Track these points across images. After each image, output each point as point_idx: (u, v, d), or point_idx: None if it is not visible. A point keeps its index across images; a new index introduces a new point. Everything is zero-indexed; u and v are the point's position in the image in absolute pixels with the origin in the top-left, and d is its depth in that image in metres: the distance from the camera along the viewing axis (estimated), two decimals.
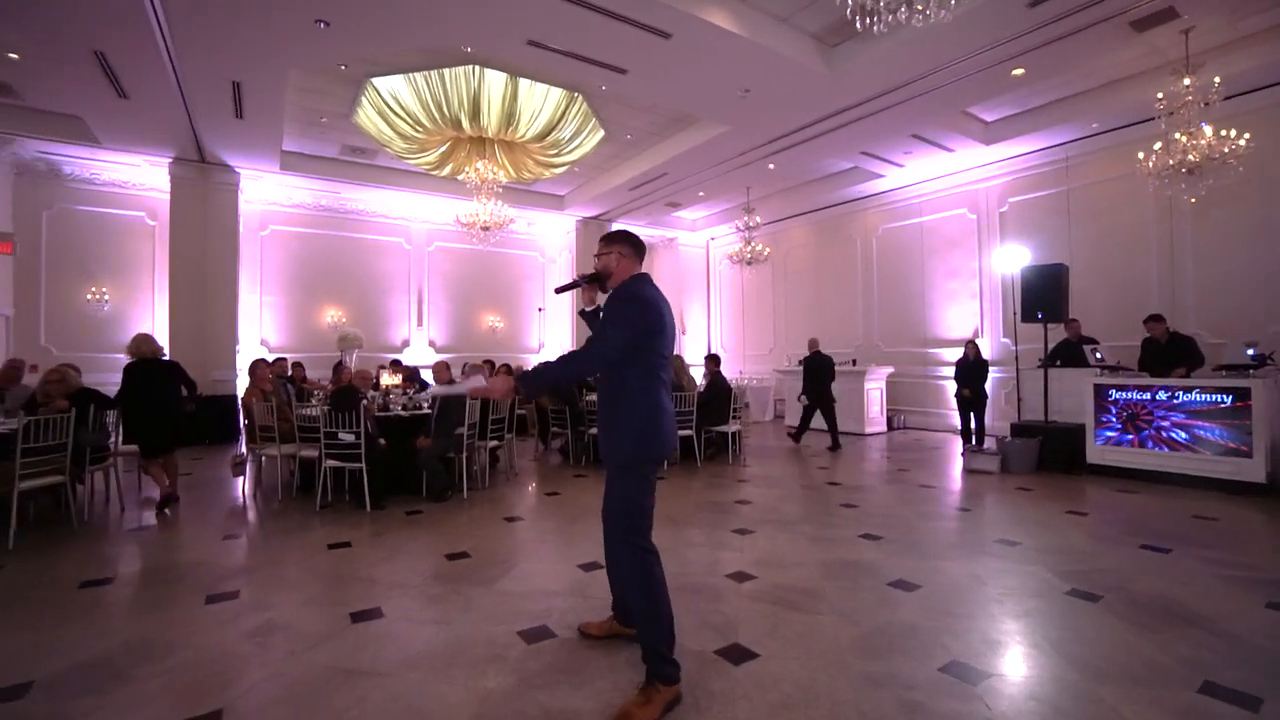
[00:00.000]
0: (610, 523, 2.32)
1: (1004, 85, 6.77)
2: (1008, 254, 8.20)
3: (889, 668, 2.42)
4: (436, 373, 5.76)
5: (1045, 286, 6.77)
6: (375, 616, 2.93)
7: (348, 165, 10.22)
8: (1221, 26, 6.00)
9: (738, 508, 5.03)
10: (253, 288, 10.47)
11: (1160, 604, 3.02)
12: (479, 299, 12.79)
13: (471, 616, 2.94)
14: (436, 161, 9.01)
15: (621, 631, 2.64)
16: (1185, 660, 2.47)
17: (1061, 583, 3.32)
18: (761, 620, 2.86)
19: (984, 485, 5.88)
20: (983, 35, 5.67)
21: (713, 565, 3.64)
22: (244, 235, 10.12)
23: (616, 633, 2.66)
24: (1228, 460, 5.38)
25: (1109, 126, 7.81)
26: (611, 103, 7.87)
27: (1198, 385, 5.61)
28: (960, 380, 7.77)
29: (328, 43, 5.82)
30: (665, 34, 5.69)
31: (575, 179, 11.06)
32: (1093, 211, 8.30)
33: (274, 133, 8.10)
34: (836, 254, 11.78)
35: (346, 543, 4.11)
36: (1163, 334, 6.33)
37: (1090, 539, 4.14)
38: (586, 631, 2.72)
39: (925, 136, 8.38)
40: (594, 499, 5.25)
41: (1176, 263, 7.54)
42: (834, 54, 6.49)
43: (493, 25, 5.53)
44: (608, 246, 2.48)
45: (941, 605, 3.03)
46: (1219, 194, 6.58)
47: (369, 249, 11.66)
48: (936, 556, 3.77)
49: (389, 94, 7.40)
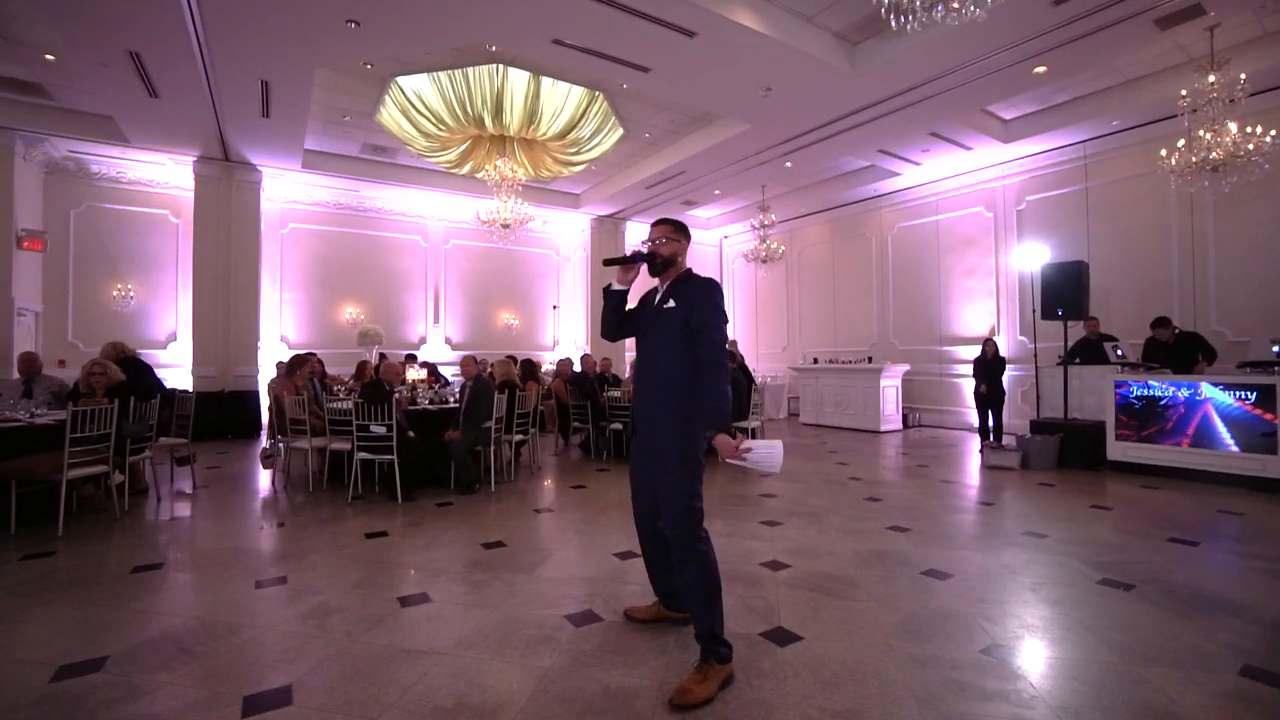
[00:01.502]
0: (675, 512, 2.29)
1: (1026, 83, 6.79)
2: (1027, 251, 8.23)
3: (932, 650, 2.48)
4: (464, 367, 5.84)
5: (1065, 284, 6.79)
6: (423, 601, 3.01)
7: (368, 164, 10.34)
8: (1249, 23, 6.01)
9: (763, 501, 5.09)
10: (273, 285, 10.61)
11: (1195, 593, 3.06)
12: (494, 296, 12.90)
13: (517, 601, 3.01)
14: (457, 160, 9.10)
15: (668, 615, 2.71)
16: (1226, 645, 2.52)
17: (1093, 572, 3.36)
18: (802, 606, 2.92)
19: (1005, 481, 5.91)
20: (1006, 33, 5.69)
21: (746, 554, 3.70)
22: (265, 233, 10.24)
23: (663, 616, 2.72)
24: (1252, 457, 5.39)
25: (1130, 124, 7.81)
26: (631, 101, 7.93)
27: (1222, 382, 5.62)
28: (979, 377, 7.80)
29: (357, 42, 5.91)
30: (690, 33, 5.75)
31: (592, 177, 11.14)
32: (1112, 209, 8.30)
33: (298, 131, 8.21)
34: (852, 252, 11.81)
35: (383, 532, 4.19)
36: (1169, 337, 6.37)
37: (1117, 532, 4.18)
38: (633, 616, 2.78)
39: (944, 134, 8.41)
40: (619, 492, 5.34)
41: (1198, 261, 7.54)
42: (857, 52, 6.53)
43: (519, 24, 5.60)
44: (676, 234, 2.47)
45: (976, 592, 3.08)
46: (1242, 191, 6.57)
47: (387, 246, 11.79)
48: (965, 547, 3.82)
49: (413, 93, 7.50)
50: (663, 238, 2.46)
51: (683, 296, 2.37)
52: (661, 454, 2.32)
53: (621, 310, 2.58)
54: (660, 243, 2.45)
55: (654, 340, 2.42)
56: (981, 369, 7.72)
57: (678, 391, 2.31)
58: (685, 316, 2.33)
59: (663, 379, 2.35)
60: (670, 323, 2.36)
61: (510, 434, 6.01)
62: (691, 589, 2.27)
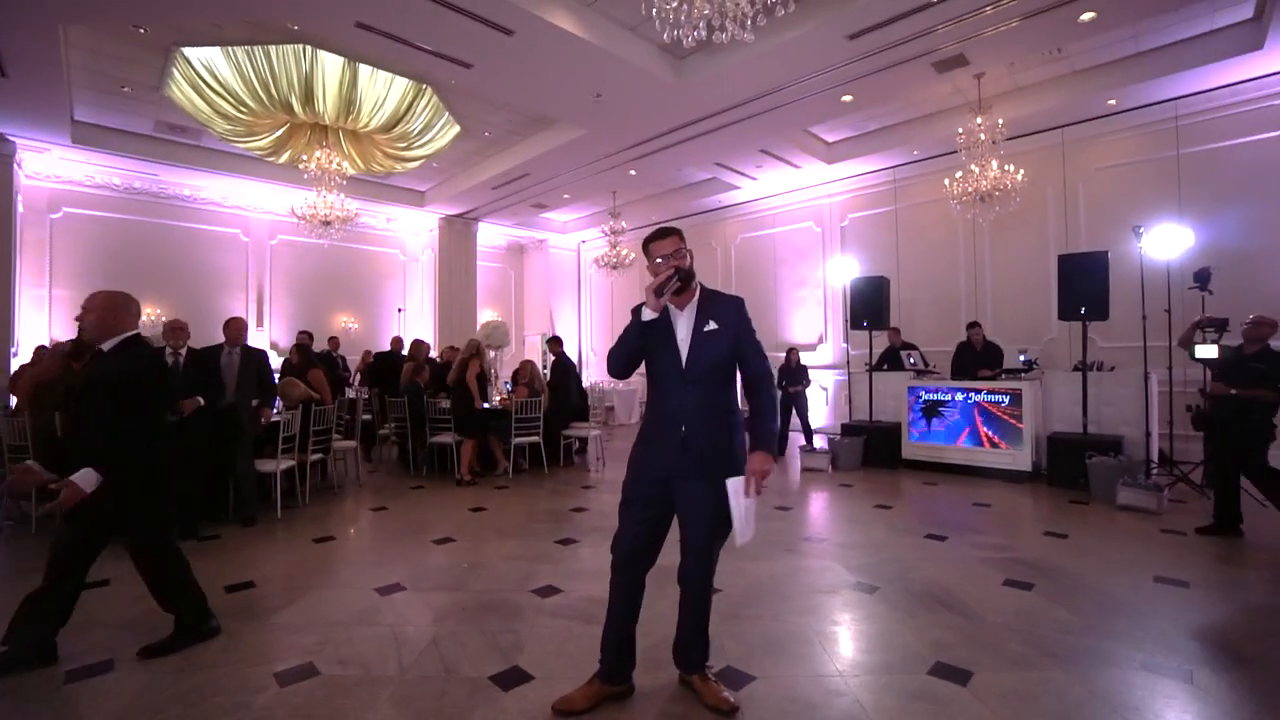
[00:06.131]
0: (707, 537, 2.21)
1: (838, 109, 7.30)
2: (840, 265, 8.87)
3: (664, 677, 2.44)
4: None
5: (870, 296, 7.39)
6: (104, 670, 2.52)
7: (166, 145, 8.99)
8: (1004, 75, 6.87)
9: (571, 516, 4.97)
10: (39, 280, 8.94)
11: (927, 591, 3.33)
12: (331, 298, 11.83)
13: (230, 658, 2.61)
14: (270, 147, 8.18)
15: (611, 692, 2.29)
16: (933, 643, 2.72)
17: (850, 576, 3.57)
18: (551, 639, 2.80)
19: (813, 483, 6.28)
20: (811, 61, 6.05)
21: (524, 580, 3.53)
22: (25, 217, 8.62)
23: (605, 696, 2.28)
24: (1006, 452, 6.15)
25: (927, 154, 8.70)
26: (464, 98, 7.55)
27: (986, 387, 6.37)
28: (781, 384, 8.18)
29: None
30: (507, 30, 5.53)
31: (436, 175, 10.55)
32: (916, 229, 9.21)
33: (55, 98, 6.92)
34: (700, 261, 11.96)
35: (105, 581, 3.54)
36: (980, 340, 7.08)
37: (888, 531, 4.52)
38: (568, 709, 2.22)
39: (773, 152, 8.87)
40: (448, 512, 4.99)
41: (979, 277, 8.55)
42: (683, 66, 6.65)
43: (314, 1, 5.08)
44: (683, 243, 2.29)
45: (732, 608, 3.13)
46: (1010, 218, 7.53)
47: (198, 240, 10.38)
48: (746, 558, 3.89)
49: (203, 67, 6.59)
50: (684, 249, 2.27)
51: (721, 316, 2.27)
52: (709, 485, 2.15)
53: (643, 341, 2.31)
54: (672, 257, 2.25)
55: (699, 369, 2.23)
56: (784, 375, 8.12)
57: (731, 417, 2.25)
58: (733, 337, 2.25)
59: (714, 405, 2.23)
60: (719, 347, 2.25)
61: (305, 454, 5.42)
62: (699, 632, 2.32)
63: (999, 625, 2.89)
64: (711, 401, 2.22)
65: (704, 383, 2.23)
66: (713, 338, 2.25)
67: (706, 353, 2.24)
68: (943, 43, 5.68)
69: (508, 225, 13.15)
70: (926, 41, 5.64)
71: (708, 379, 2.23)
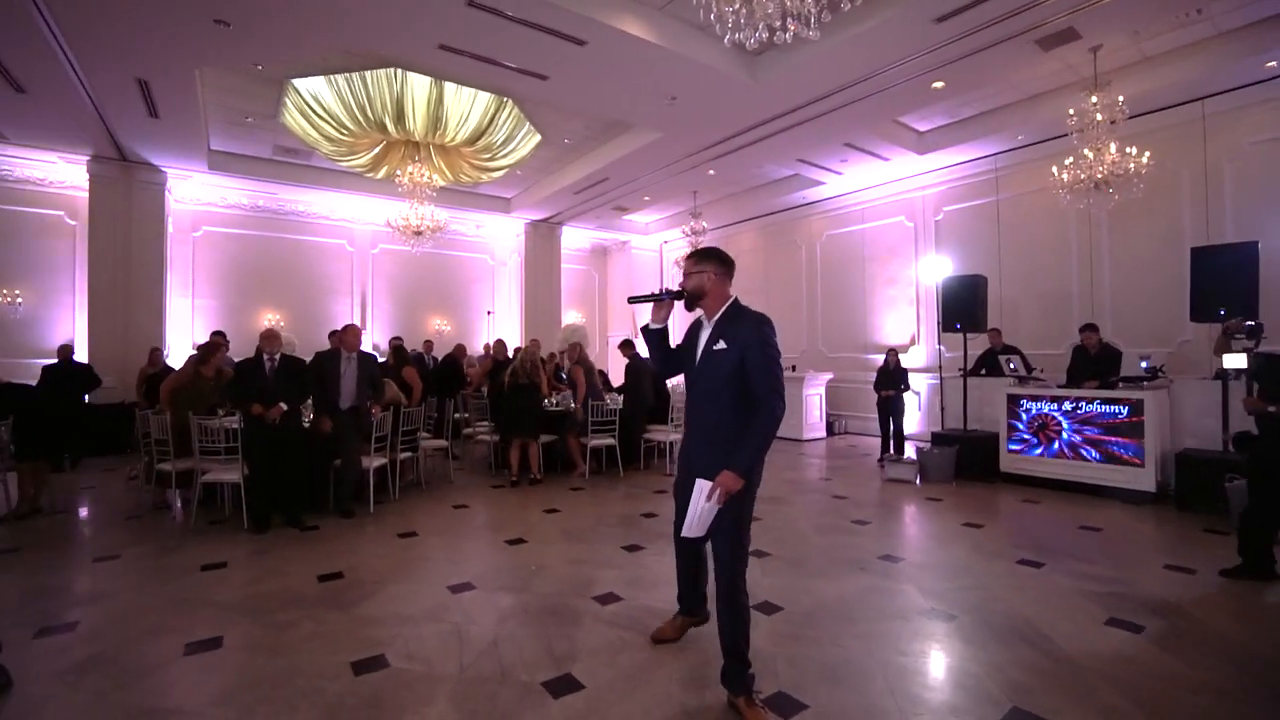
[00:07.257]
0: (732, 541, 2.33)
1: (927, 97, 6.83)
2: (931, 264, 8.30)
3: (711, 698, 2.39)
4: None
5: (964, 297, 6.87)
6: (212, 647, 2.83)
7: (282, 166, 9.98)
8: (1126, 46, 6.13)
9: (641, 521, 5.00)
10: (185, 291, 10.17)
11: (1011, 624, 3.05)
12: (425, 302, 12.61)
13: (314, 645, 2.85)
14: (370, 164, 8.83)
15: (692, 623, 2.89)
16: (1010, 684, 2.49)
17: (924, 602, 3.34)
18: (605, 649, 2.83)
19: (898, 495, 5.93)
20: (894, 49, 5.71)
21: (586, 585, 3.59)
22: (174, 236, 9.82)
23: (688, 626, 2.89)
24: (1123, 469, 5.51)
25: (1032, 139, 7.96)
26: (543, 108, 7.77)
27: (1099, 397, 5.73)
28: (879, 387, 7.75)
29: (231, 43, 5.64)
30: (580, 41, 5.64)
31: (520, 182, 10.95)
32: (1020, 222, 8.45)
33: (195, 132, 7.86)
34: (783, 259, 11.84)
35: (222, 563, 3.98)
36: (1095, 344, 6.24)
37: (974, 553, 4.18)
38: (661, 637, 2.86)
39: (858, 145, 8.44)
40: (523, 512, 5.21)
41: (1095, 273, 7.71)
42: (757, 63, 6.48)
43: (399, 28, 5.41)
44: (698, 265, 2.44)
45: (793, 628, 3.02)
46: (1133, 206, 6.71)
47: (310, 251, 11.42)
48: (814, 575, 3.77)
49: (310, 95, 7.22)
50: (691, 272, 2.44)
51: (734, 337, 2.34)
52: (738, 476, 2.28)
53: (665, 348, 2.59)
54: (686, 278, 2.46)
55: (705, 384, 2.40)
56: (882, 379, 7.71)
57: (731, 439, 2.29)
58: (737, 359, 2.31)
59: (715, 422, 2.35)
60: (722, 366, 2.33)
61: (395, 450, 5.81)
62: (732, 651, 2.33)
63: (1092, 671, 2.59)
64: (717, 414, 2.35)
65: (710, 395, 2.38)
66: (718, 355, 2.35)
67: (710, 368, 2.38)
68: (1048, 16, 5.16)
69: (591, 228, 13.41)
70: (1029, 17, 5.15)
71: (713, 392, 2.37)
